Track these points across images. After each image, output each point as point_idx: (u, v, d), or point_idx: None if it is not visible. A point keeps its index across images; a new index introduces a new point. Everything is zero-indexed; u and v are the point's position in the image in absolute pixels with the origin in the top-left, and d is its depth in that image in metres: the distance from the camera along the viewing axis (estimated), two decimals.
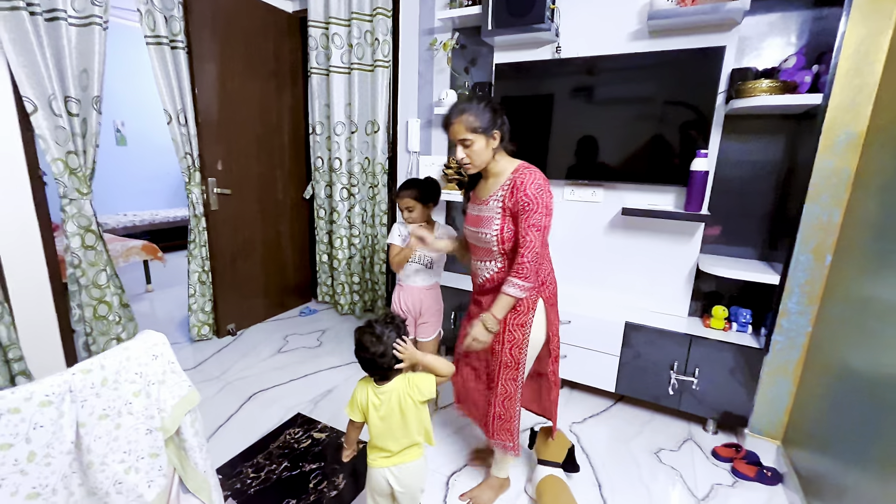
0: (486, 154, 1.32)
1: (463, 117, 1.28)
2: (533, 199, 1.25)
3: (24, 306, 1.94)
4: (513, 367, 1.40)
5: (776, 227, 1.92)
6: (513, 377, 1.41)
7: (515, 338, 1.38)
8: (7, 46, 1.74)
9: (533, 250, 1.26)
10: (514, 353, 1.39)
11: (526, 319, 1.37)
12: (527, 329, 1.37)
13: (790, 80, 1.66)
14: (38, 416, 0.73)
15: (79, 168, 2.00)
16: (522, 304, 1.36)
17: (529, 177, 1.28)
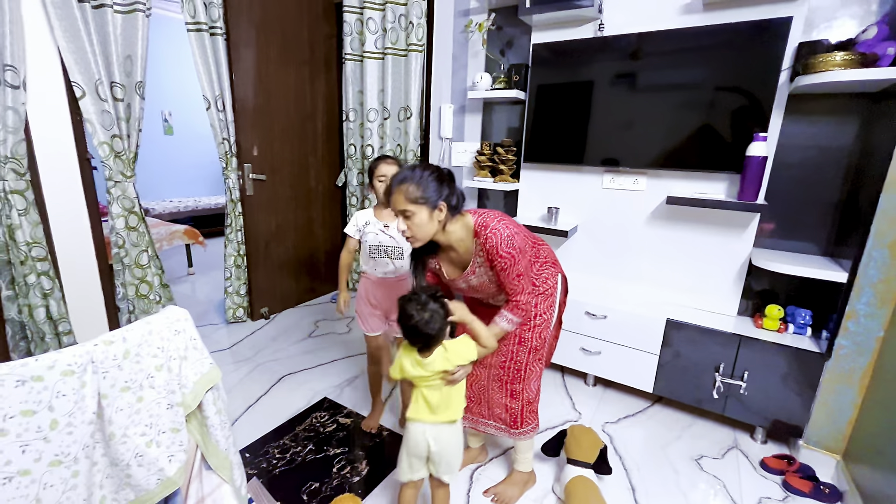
0: (428, 227, 1.18)
1: (402, 186, 1.15)
2: (509, 256, 1.19)
3: (74, 283, 2.05)
4: (540, 348, 1.41)
5: (845, 219, 1.73)
6: (539, 357, 1.42)
7: (545, 319, 1.39)
8: (58, 33, 1.81)
9: (525, 293, 1.26)
10: (543, 334, 1.39)
11: (553, 299, 1.40)
12: (554, 308, 1.41)
13: (870, 52, 1.47)
14: (60, 385, 0.73)
15: (123, 152, 2.08)
16: (549, 285, 1.38)
17: (495, 238, 1.18)
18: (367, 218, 1.67)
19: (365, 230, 1.66)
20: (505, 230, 1.19)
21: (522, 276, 1.25)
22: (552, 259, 1.45)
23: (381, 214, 1.67)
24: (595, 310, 2.05)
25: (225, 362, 2.34)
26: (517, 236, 1.21)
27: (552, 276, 1.41)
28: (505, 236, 1.19)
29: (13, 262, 1.81)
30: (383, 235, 1.65)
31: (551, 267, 1.42)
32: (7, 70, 1.68)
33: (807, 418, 1.69)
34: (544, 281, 1.38)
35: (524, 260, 1.25)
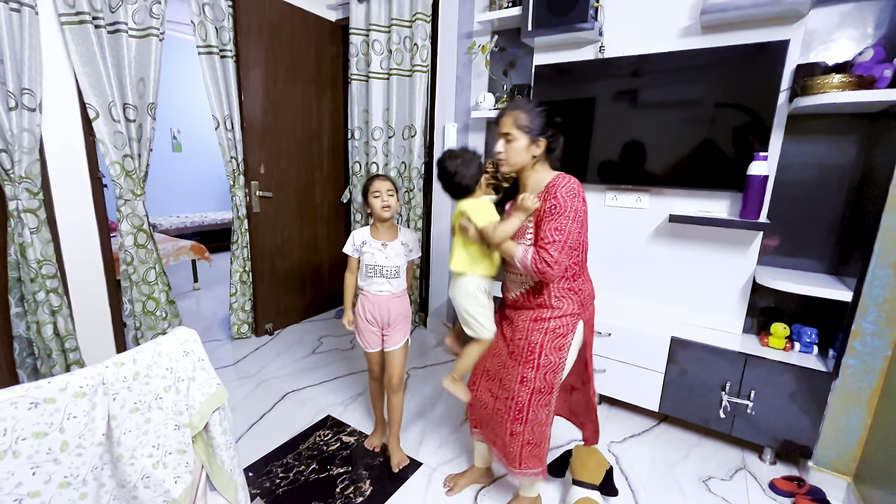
0: (522, 156, 1.26)
1: (515, 112, 1.25)
2: (561, 202, 1.19)
3: (81, 300, 2.07)
4: (546, 392, 1.31)
5: (848, 237, 1.73)
6: (545, 402, 1.32)
7: (552, 362, 1.29)
8: (74, 57, 1.88)
9: (557, 246, 1.17)
10: (548, 377, 1.30)
11: (565, 342, 1.30)
12: (564, 352, 1.30)
13: (867, 74, 1.50)
14: (71, 407, 0.74)
15: (134, 171, 2.12)
16: (562, 326, 1.29)
17: (563, 181, 1.23)
18: (363, 237, 1.66)
19: (362, 249, 1.65)
20: (576, 186, 1.22)
21: (556, 233, 1.18)
22: (587, 292, 1.35)
23: (378, 233, 1.65)
24: (599, 327, 2.05)
25: (229, 379, 2.34)
26: (580, 201, 1.21)
27: (588, 295, 1.35)
28: (572, 187, 1.20)
29: (23, 280, 1.83)
30: (379, 255, 1.63)
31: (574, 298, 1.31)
32: (24, 93, 1.74)
33: (816, 439, 1.67)
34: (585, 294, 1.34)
35: (568, 223, 1.19)
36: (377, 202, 1.58)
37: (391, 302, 1.67)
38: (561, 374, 1.32)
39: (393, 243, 1.65)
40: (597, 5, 2.00)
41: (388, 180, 1.62)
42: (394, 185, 1.63)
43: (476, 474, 1.65)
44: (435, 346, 2.83)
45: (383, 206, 1.58)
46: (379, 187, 1.59)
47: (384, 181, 1.61)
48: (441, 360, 2.64)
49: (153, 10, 2.05)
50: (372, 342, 1.72)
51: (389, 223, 1.66)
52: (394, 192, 1.62)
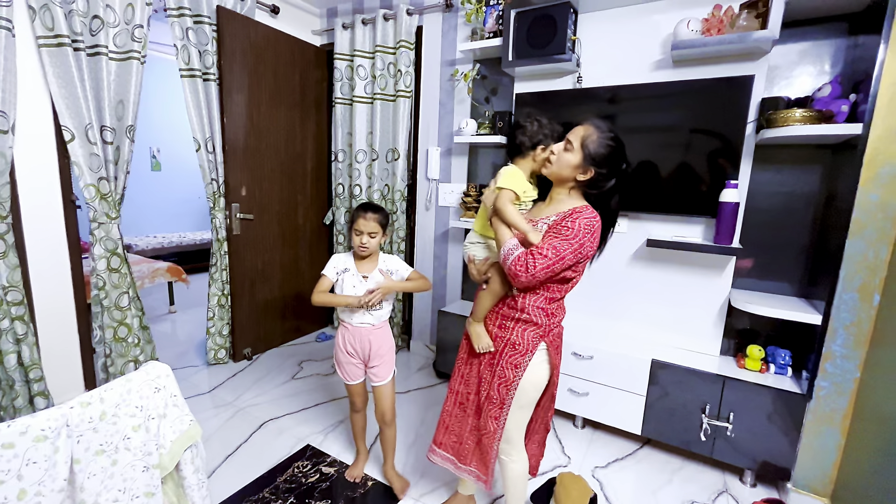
0: (567, 171, 1.21)
1: (590, 128, 1.20)
2: (575, 230, 1.15)
3: (49, 327, 1.99)
4: (497, 404, 1.30)
5: (815, 262, 1.80)
6: (495, 415, 1.31)
7: (506, 376, 1.28)
8: (51, 79, 1.85)
9: (544, 262, 1.13)
10: (500, 390, 1.29)
11: (521, 361, 1.27)
12: (520, 371, 1.27)
13: (825, 109, 1.59)
14: (31, 452, 0.70)
15: (109, 193, 2.07)
16: (522, 343, 1.27)
17: (588, 213, 1.19)
18: (346, 263, 1.60)
19: (343, 276, 1.58)
20: (595, 223, 1.18)
21: (552, 251, 1.14)
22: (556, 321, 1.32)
23: (361, 265, 1.60)
24: (582, 350, 2.06)
25: (204, 407, 2.26)
26: (591, 239, 1.17)
27: (559, 322, 1.33)
28: (591, 222, 1.16)
29: None
30: (361, 287, 1.57)
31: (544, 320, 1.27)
32: None
33: (793, 461, 1.70)
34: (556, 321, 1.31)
35: (570, 253, 1.15)
36: (356, 239, 1.54)
37: (372, 334, 1.62)
38: (513, 392, 1.28)
39: (373, 273, 1.59)
40: (574, 38, 2.08)
41: (374, 219, 1.53)
42: (381, 223, 1.54)
43: (460, 501, 1.62)
44: (418, 369, 2.80)
45: (360, 245, 1.53)
46: (362, 227, 1.52)
47: (370, 221, 1.52)
48: (425, 384, 2.61)
49: (135, 34, 2.05)
50: (353, 374, 1.67)
51: (371, 256, 1.62)
52: (378, 232, 1.54)
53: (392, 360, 1.69)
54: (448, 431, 1.47)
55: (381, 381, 1.65)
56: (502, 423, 1.31)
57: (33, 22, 1.79)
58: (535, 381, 1.30)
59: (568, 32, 2.01)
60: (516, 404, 1.30)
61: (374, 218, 1.53)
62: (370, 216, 1.53)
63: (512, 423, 1.33)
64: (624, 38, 2.03)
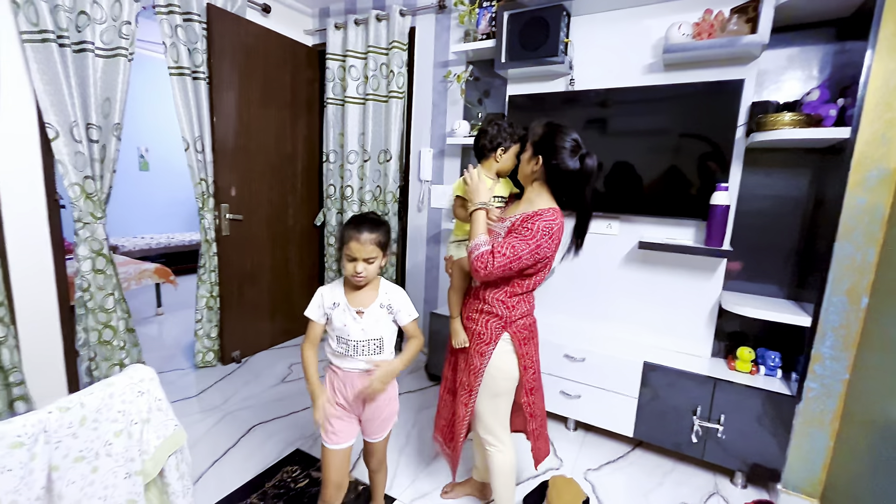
0: (524, 167, 1.33)
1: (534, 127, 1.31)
2: (532, 231, 1.19)
3: (30, 329, 1.94)
4: (467, 390, 1.38)
5: (805, 264, 1.82)
6: (464, 401, 1.39)
7: (474, 364, 1.36)
8: (35, 75, 1.81)
9: (501, 261, 1.18)
10: (470, 376, 1.38)
11: (486, 349, 1.34)
12: (485, 359, 1.34)
13: (814, 113, 1.61)
14: (6, 459, 0.67)
15: (94, 193, 2.03)
16: (486, 333, 1.34)
17: (548, 216, 1.22)
18: (335, 297, 1.27)
19: (332, 313, 1.27)
20: (555, 226, 1.22)
21: (510, 249, 1.19)
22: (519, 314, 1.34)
23: (355, 297, 1.26)
24: (574, 352, 2.06)
25: (191, 412, 2.22)
26: (547, 240, 1.21)
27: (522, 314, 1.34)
28: (549, 224, 1.21)
29: None
30: (353, 326, 1.24)
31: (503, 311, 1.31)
32: None
33: (783, 462, 1.71)
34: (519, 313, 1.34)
35: (527, 253, 1.19)
36: (349, 267, 1.21)
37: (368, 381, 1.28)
38: (480, 379, 1.35)
39: (371, 308, 1.25)
40: (567, 41, 2.09)
41: (372, 240, 1.19)
42: (381, 244, 1.21)
43: (472, 487, 1.70)
44: (410, 372, 2.78)
45: (355, 275, 1.21)
46: (356, 253, 1.19)
47: (366, 244, 1.18)
48: (415, 387, 2.59)
49: (122, 31, 2.01)
50: (342, 433, 1.30)
51: (370, 286, 1.29)
52: (377, 256, 1.21)
53: (394, 412, 1.40)
54: (441, 416, 1.57)
55: (376, 438, 1.39)
56: (471, 409, 1.39)
57: (17, 17, 1.75)
58: (502, 369, 1.35)
59: (561, 35, 2.01)
60: (486, 392, 1.37)
61: (372, 239, 1.19)
62: (366, 237, 1.18)
63: (487, 412, 1.39)
64: (616, 41, 2.04)
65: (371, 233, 1.20)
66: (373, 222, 1.22)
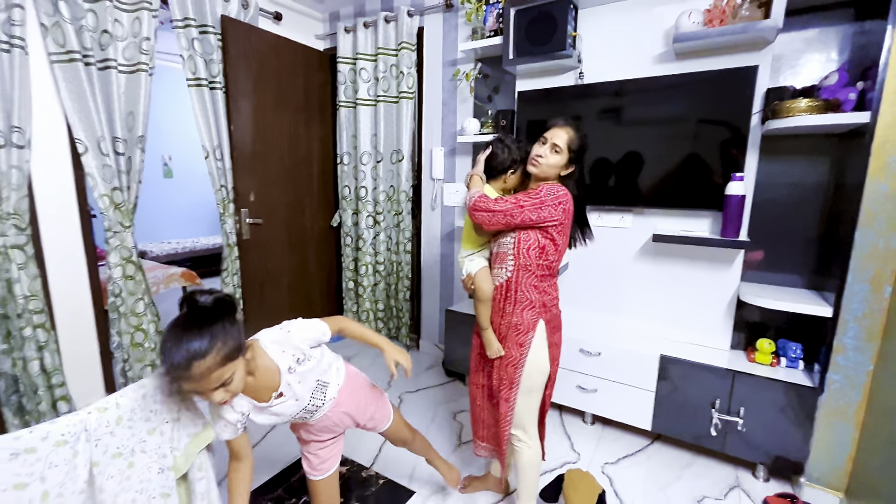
0: (554, 170, 1.36)
1: (571, 130, 1.34)
2: (540, 193, 1.29)
3: (69, 334, 2.06)
4: (507, 385, 1.39)
5: (826, 253, 1.78)
6: (506, 397, 1.40)
7: (513, 356, 1.38)
8: (64, 94, 1.90)
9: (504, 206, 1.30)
10: (509, 370, 1.39)
11: (525, 339, 1.36)
12: (525, 349, 1.36)
13: (832, 97, 1.56)
14: (52, 456, 0.74)
15: (122, 203, 2.13)
16: (523, 323, 1.36)
17: (555, 186, 1.32)
18: (241, 407, 1.02)
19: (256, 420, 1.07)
20: (563, 197, 1.30)
21: (515, 206, 1.29)
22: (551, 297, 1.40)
23: (256, 394, 1.03)
24: (589, 346, 2.06)
25: None
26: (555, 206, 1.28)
27: (552, 299, 1.39)
28: (557, 193, 1.29)
29: (10, 316, 1.82)
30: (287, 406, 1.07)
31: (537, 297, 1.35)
32: (14, 131, 1.76)
33: (807, 455, 1.68)
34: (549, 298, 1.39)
35: (531, 209, 1.28)
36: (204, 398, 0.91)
37: (340, 406, 1.19)
38: (521, 370, 1.37)
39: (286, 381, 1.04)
40: (574, 34, 2.07)
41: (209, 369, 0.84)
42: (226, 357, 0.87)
43: (490, 482, 1.72)
44: (428, 368, 2.82)
45: (220, 403, 0.92)
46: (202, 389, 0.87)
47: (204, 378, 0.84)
48: (434, 383, 2.63)
49: (142, 47, 2.09)
50: (329, 460, 1.23)
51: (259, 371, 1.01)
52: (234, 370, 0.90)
53: (382, 400, 1.36)
54: (485, 425, 1.57)
55: (386, 425, 1.36)
56: (512, 405, 1.40)
57: (45, 39, 1.85)
58: (536, 363, 1.37)
59: (568, 29, 2.00)
60: (524, 388, 1.38)
61: (212, 367, 0.85)
62: (199, 370, 0.83)
63: (522, 409, 1.40)
64: (625, 32, 2.01)
65: (204, 358, 0.83)
66: (199, 335, 0.83)
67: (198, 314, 0.87)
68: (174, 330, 0.84)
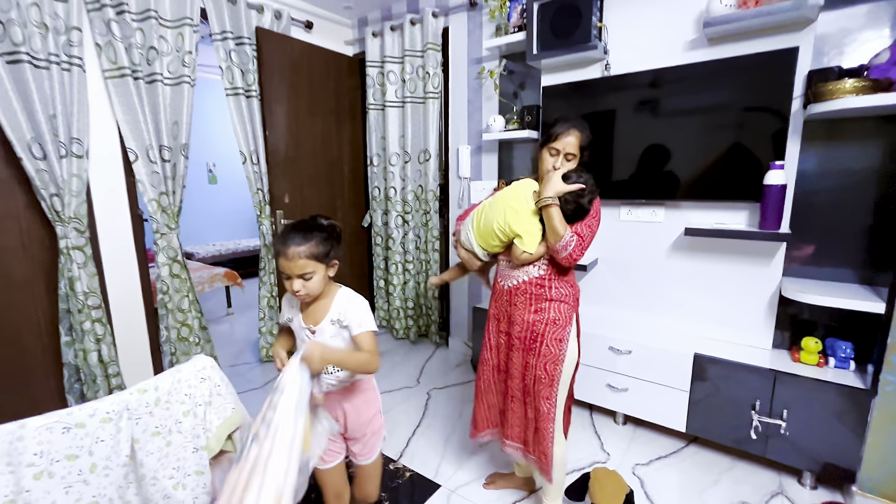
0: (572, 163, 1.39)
1: (579, 132, 1.32)
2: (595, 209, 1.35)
3: (122, 328, 2.23)
4: (547, 383, 1.36)
5: (878, 245, 1.65)
6: (546, 395, 1.37)
7: (552, 352, 1.36)
8: (116, 107, 2.07)
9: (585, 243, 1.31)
10: (548, 368, 1.36)
11: (564, 334, 1.36)
12: (564, 344, 1.36)
13: (882, 77, 1.45)
14: (99, 431, 0.81)
15: (168, 206, 2.29)
16: (560, 317, 1.36)
17: None
18: (291, 310, 1.19)
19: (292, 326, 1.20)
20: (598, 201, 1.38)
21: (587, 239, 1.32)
22: (577, 289, 1.44)
23: (307, 314, 1.16)
24: (619, 344, 2.01)
25: (257, 401, 2.42)
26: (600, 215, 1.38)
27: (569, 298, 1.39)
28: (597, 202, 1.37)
29: (72, 311, 2.00)
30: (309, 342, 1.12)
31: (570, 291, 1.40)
32: (74, 142, 1.93)
33: (858, 461, 1.56)
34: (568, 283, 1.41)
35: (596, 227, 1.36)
36: (287, 284, 1.09)
37: (344, 398, 1.20)
38: (562, 367, 1.36)
39: (322, 325, 1.13)
40: (600, 25, 2.03)
41: (301, 253, 1.04)
42: (316, 256, 1.07)
43: (515, 481, 1.71)
44: (456, 365, 2.84)
45: (294, 293, 1.09)
46: (285, 269, 1.06)
47: (293, 259, 1.04)
48: (462, 380, 2.65)
49: (185, 60, 2.24)
50: (330, 454, 1.23)
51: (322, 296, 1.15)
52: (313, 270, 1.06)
53: (380, 426, 1.30)
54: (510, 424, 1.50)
55: (366, 461, 1.28)
56: (554, 401, 1.37)
57: (100, 57, 2.02)
58: (570, 355, 1.38)
59: (593, 20, 1.96)
60: (564, 380, 1.38)
61: (302, 252, 1.04)
62: (294, 251, 1.04)
63: (561, 403, 1.40)
64: (653, 19, 1.95)
65: (300, 245, 1.04)
66: (305, 231, 1.07)
67: (313, 225, 1.12)
68: (290, 225, 1.11)
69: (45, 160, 1.86)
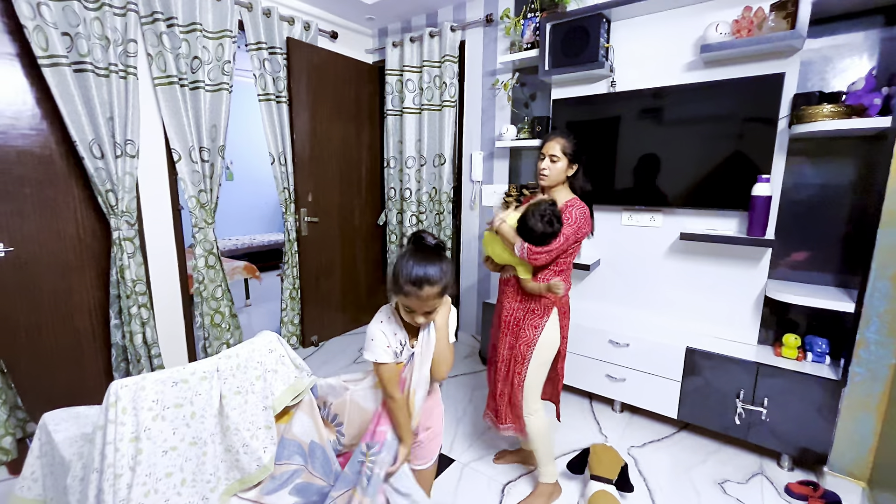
0: (561, 176, 1.59)
1: (561, 139, 1.57)
2: (574, 218, 1.51)
3: (163, 313, 2.43)
4: (520, 361, 1.60)
5: (851, 252, 1.84)
6: (518, 370, 1.61)
7: (527, 336, 1.59)
8: (164, 111, 2.27)
9: (551, 252, 1.48)
10: (522, 349, 1.60)
11: (539, 322, 1.58)
12: (538, 330, 1.58)
13: (856, 103, 1.64)
14: (198, 387, 1.01)
15: (206, 203, 2.49)
16: (539, 308, 1.58)
17: (578, 204, 1.56)
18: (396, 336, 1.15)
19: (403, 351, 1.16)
20: (586, 212, 1.53)
21: (561, 237, 1.48)
22: (568, 287, 1.63)
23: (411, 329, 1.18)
24: (618, 338, 2.20)
25: None
26: (585, 225, 1.52)
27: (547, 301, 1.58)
28: (583, 211, 1.52)
29: (121, 296, 2.20)
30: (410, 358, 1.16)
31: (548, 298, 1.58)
32: (127, 143, 2.13)
33: (830, 445, 1.75)
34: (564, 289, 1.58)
35: (573, 238, 1.50)
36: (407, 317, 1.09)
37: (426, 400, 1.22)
38: (533, 349, 1.58)
39: (421, 337, 1.15)
40: (607, 45, 2.22)
41: (434, 294, 1.01)
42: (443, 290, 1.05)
43: (522, 456, 1.91)
44: (465, 357, 3.04)
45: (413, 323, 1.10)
46: (415, 307, 1.04)
47: (427, 299, 1.01)
48: (470, 370, 2.84)
49: (224, 69, 2.44)
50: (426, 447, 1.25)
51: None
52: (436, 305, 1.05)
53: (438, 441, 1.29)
54: (491, 397, 1.77)
55: (424, 464, 1.27)
56: (524, 377, 1.61)
57: (151, 66, 2.22)
58: (548, 340, 1.59)
59: (601, 41, 2.16)
60: (535, 361, 1.59)
61: (434, 293, 1.00)
62: (428, 292, 0.99)
63: (531, 380, 1.61)
64: (656, 42, 2.14)
65: (433, 286, 0.99)
66: (437, 268, 1.00)
67: (429, 249, 1.03)
68: (416, 255, 1.00)
69: (102, 159, 2.06)
